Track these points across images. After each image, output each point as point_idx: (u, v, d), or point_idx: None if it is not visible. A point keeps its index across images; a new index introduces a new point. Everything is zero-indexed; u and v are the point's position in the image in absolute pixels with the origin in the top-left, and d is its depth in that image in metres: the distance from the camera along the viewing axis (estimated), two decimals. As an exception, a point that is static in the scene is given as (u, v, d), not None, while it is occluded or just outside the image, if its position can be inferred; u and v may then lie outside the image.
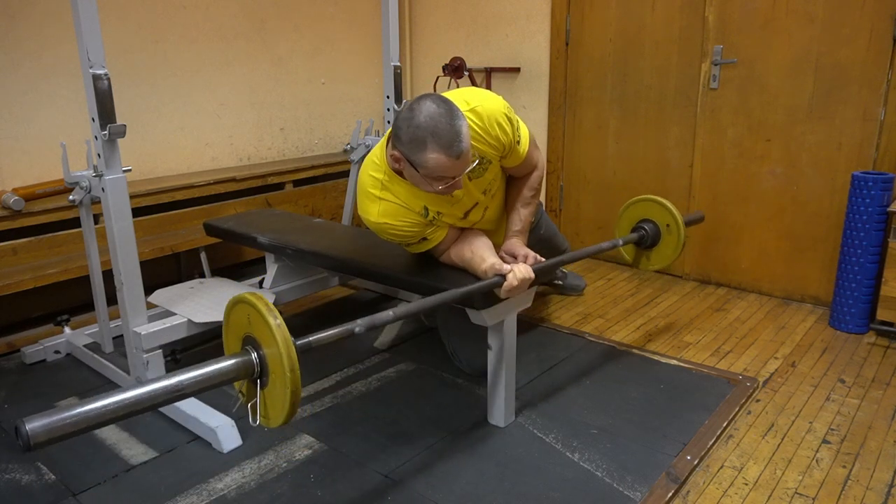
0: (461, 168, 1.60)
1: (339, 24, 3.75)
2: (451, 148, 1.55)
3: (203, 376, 1.23)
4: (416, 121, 1.55)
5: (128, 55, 2.89)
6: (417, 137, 1.55)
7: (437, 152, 1.55)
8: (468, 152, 1.59)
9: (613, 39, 3.20)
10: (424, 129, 1.54)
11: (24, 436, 1.02)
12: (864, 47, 2.55)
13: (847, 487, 1.67)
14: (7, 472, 1.76)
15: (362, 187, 1.80)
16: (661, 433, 1.90)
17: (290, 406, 1.24)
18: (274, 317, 1.24)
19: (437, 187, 1.63)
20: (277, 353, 1.22)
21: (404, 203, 1.76)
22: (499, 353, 1.88)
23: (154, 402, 1.17)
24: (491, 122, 1.75)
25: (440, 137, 1.54)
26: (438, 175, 1.60)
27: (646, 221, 2.37)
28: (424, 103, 1.57)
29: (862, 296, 2.52)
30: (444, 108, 1.56)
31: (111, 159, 1.89)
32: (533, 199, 1.99)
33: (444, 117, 1.55)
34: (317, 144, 3.78)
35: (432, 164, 1.57)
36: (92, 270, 2.29)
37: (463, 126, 1.57)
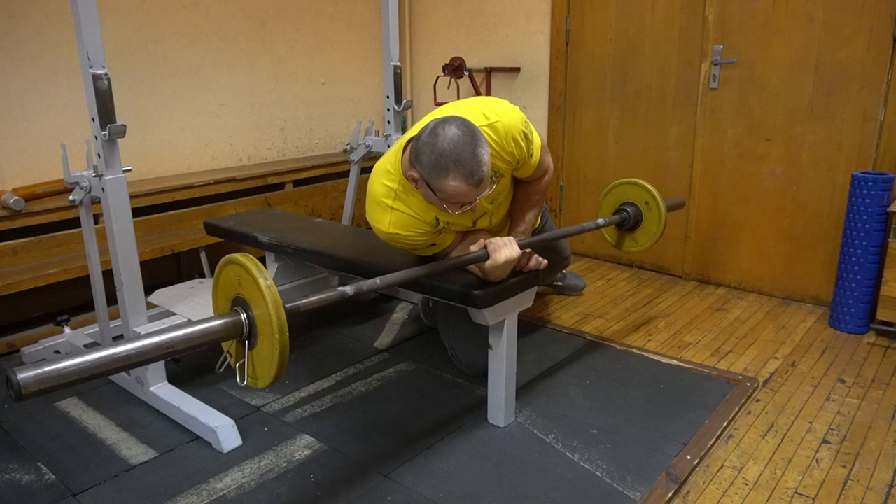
0: (479, 193, 1.60)
1: (339, 24, 3.75)
2: (472, 177, 1.53)
3: (193, 334, 1.24)
4: (440, 147, 1.52)
5: (128, 55, 2.89)
6: (440, 164, 1.53)
7: (458, 181, 1.53)
8: (488, 178, 1.58)
9: (613, 39, 3.20)
10: (447, 156, 1.52)
11: (15, 385, 1.03)
12: (864, 47, 2.55)
13: (847, 487, 1.67)
14: (7, 472, 1.76)
15: (374, 196, 1.78)
16: (661, 433, 1.90)
17: (277, 367, 1.24)
18: (264, 277, 1.24)
19: (452, 210, 1.63)
20: (267, 314, 1.23)
21: (416, 214, 1.75)
22: (499, 353, 1.88)
23: (144, 358, 1.18)
24: (507, 138, 1.74)
25: (463, 166, 1.52)
26: (458, 202, 1.59)
27: (627, 204, 2.40)
28: (449, 129, 1.54)
29: (862, 296, 2.52)
30: (469, 137, 1.53)
31: (111, 159, 1.89)
32: (539, 201, 2.00)
33: (469, 146, 1.52)
34: (317, 144, 3.78)
35: (451, 192, 1.56)
36: (92, 270, 2.29)
37: (485, 154, 1.55)
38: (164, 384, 2.08)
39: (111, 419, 2.02)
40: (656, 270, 3.31)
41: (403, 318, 2.78)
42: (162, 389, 2.05)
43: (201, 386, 2.19)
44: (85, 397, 2.15)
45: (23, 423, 2.00)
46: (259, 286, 1.23)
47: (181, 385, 2.10)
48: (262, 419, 2.00)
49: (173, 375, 2.15)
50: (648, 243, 2.39)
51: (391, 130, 2.80)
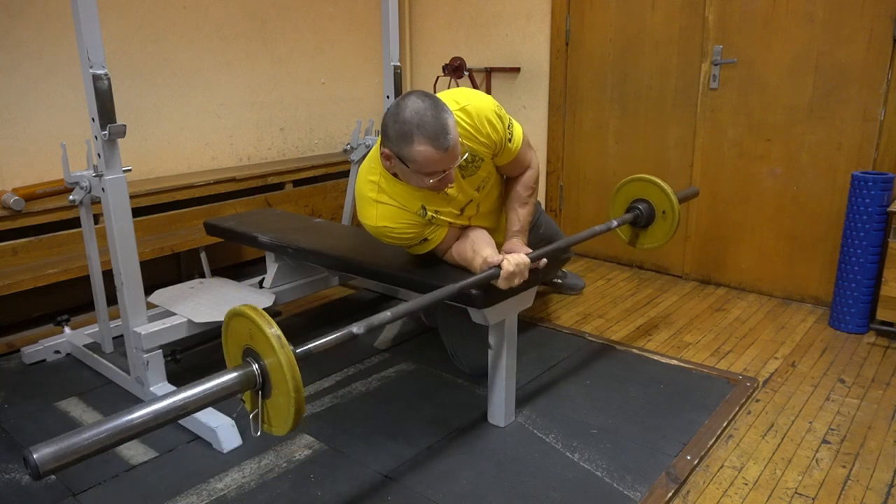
0: (450, 161, 1.60)
1: (339, 24, 3.75)
2: (437, 140, 1.55)
3: (207, 391, 1.24)
4: (402, 116, 1.57)
5: (128, 55, 2.89)
6: (404, 132, 1.56)
7: (424, 145, 1.55)
8: (456, 145, 1.59)
9: (613, 39, 3.20)
10: (410, 123, 1.55)
11: (32, 465, 1.02)
12: (864, 47, 2.55)
13: (847, 487, 1.67)
14: (7, 472, 1.76)
15: (360, 192, 1.81)
16: (661, 433, 1.90)
17: (294, 416, 1.24)
18: (272, 329, 1.24)
19: (428, 182, 1.63)
20: (279, 365, 1.22)
21: (401, 204, 1.76)
22: (499, 353, 1.88)
23: (161, 422, 1.18)
24: (481, 119, 1.76)
25: (426, 130, 1.55)
26: (428, 170, 1.60)
27: (640, 201, 2.36)
28: (409, 99, 1.58)
29: (862, 296, 2.52)
30: (429, 102, 1.57)
31: (111, 159, 1.89)
32: (530, 198, 1.99)
33: (430, 110, 1.56)
34: (317, 144, 3.78)
35: (420, 158, 1.58)
36: (92, 270, 2.29)
37: (449, 119, 1.57)
38: (164, 384, 2.08)
39: (111, 419, 2.02)
40: (656, 270, 3.31)
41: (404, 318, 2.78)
42: (162, 389, 2.05)
43: (201, 386, 2.19)
44: (85, 397, 2.15)
45: (23, 423, 2.00)
46: (268, 337, 1.23)
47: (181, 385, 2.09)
48: (262, 419, 2.00)
49: (173, 375, 2.15)
50: (652, 246, 2.38)
51: (391, 130, 2.80)
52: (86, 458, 1.08)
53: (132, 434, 1.14)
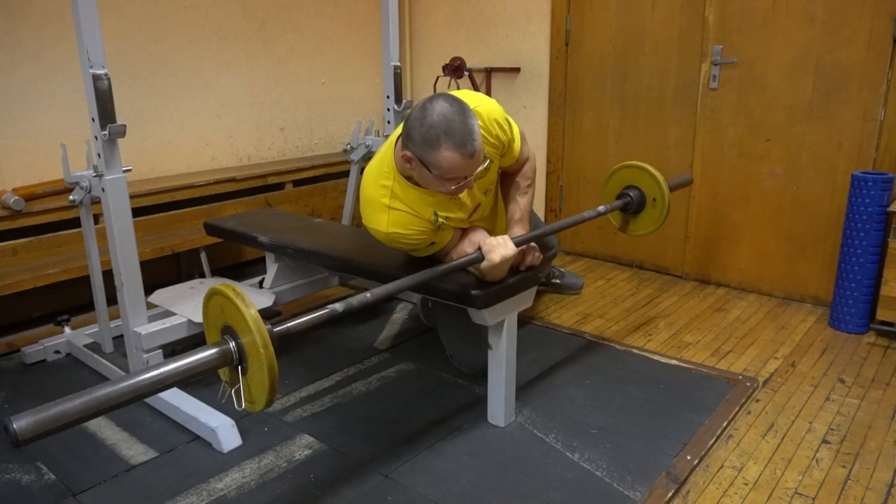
0: (474, 167, 1.60)
1: (339, 24, 3.75)
2: (464, 146, 1.53)
3: (185, 366, 1.26)
4: (430, 120, 1.54)
5: (128, 55, 2.89)
6: (430, 137, 1.53)
7: (451, 151, 1.53)
8: (481, 151, 1.59)
9: (613, 39, 3.20)
10: (437, 127, 1.53)
11: (12, 433, 1.05)
12: (864, 47, 2.55)
13: (847, 487, 1.67)
14: (7, 472, 1.76)
15: (369, 198, 1.78)
16: (661, 433, 1.90)
17: (269, 390, 1.26)
18: (245, 304, 1.25)
19: (449, 188, 1.62)
20: (252, 340, 1.25)
21: (414, 210, 1.74)
22: (498, 353, 1.88)
23: (138, 394, 1.19)
24: (491, 121, 1.77)
25: (454, 136, 1.52)
26: (452, 175, 1.58)
27: (631, 188, 2.34)
28: (437, 102, 1.56)
29: (862, 296, 2.52)
30: (457, 107, 1.55)
31: (111, 159, 1.89)
32: (528, 187, 2.00)
33: (458, 116, 1.54)
34: (317, 144, 3.78)
35: (446, 164, 1.55)
36: (92, 270, 2.29)
37: (475, 125, 1.56)
38: (164, 384, 2.08)
39: (111, 419, 2.02)
40: (656, 270, 3.31)
41: (403, 318, 2.78)
42: (162, 389, 2.05)
43: (201, 386, 2.19)
44: (85, 397, 2.15)
45: (23, 423, 2.00)
46: (241, 312, 1.25)
47: (181, 385, 2.09)
48: (262, 419, 2.00)
49: (173, 375, 2.15)
50: (654, 226, 2.34)
51: (391, 130, 2.80)
52: (65, 427, 1.10)
53: (111, 406, 1.16)
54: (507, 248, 1.70)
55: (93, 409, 1.13)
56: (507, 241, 1.72)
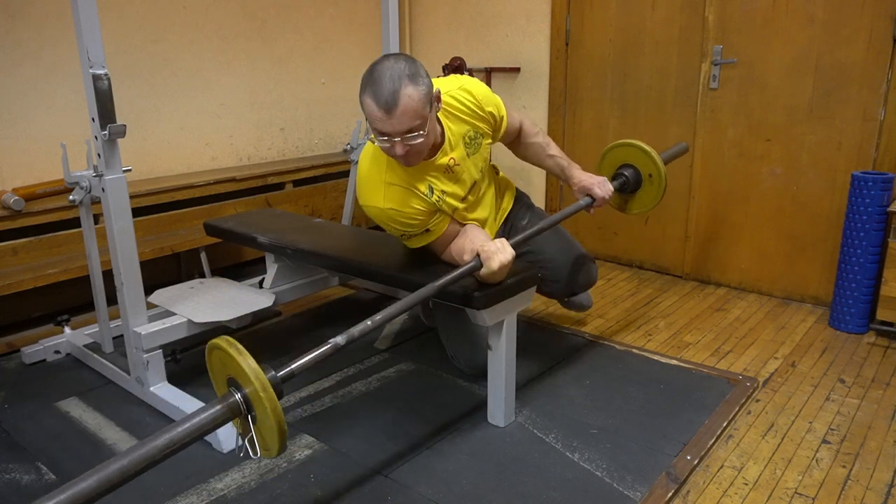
0: (395, 126, 1.57)
1: (339, 24, 3.75)
2: (379, 98, 1.53)
3: (196, 426, 1.26)
4: (371, 68, 1.59)
5: (128, 55, 2.89)
6: (364, 81, 1.58)
7: (371, 98, 1.55)
8: (403, 116, 1.55)
9: (613, 39, 3.20)
10: (368, 75, 1.57)
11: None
12: (864, 47, 2.55)
13: (847, 487, 1.67)
14: (7, 472, 1.76)
15: (364, 175, 1.80)
16: (661, 433, 1.90)
17: (278, 434, 1.27)
18: (241, 354, 1.26)
19: (383, 147, 1.63)
20: (255, 391, 1.25)
21: (410, 184, 1.76)
22: (498, 354, 1.88)
23: (151, 462, 1.19)
24: (485, 93, 1.88)
25: (375, 85, 1.54)
26: (374, 126, 1.60)
27: (626, 167, 2.28)
28: (389, 57, 1.60)
29: (862, 296, 2.52)
30: (399, 65, 1.56)
31: (111, 159, 1.89)
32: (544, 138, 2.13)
33: (391, 71, 1.54)
34: (317, 144, 3.78)
35: (367, 112, 1.58)
36: (92, 270, 2.29)
37: (406, 88, 1.53)
38: (164, 384, 2.08)
39: (111, 419, 2.02)
40: (656, 270, 3.31)
41: (403, 318, 2.78)
42: (162, 389, 2.05)
43: (201, 386, 2.19)
44: (85, 397, 2.15)
45: (23, 423, 2.00)
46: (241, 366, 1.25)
47: (181, 385, 2.10)
48: (262, 419, 2.00)
49: (173, 375, 2.15)
50: (652, 203, 2.28)
51: (391, 130, 2.80)
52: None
53: (125, 479, 1.15)
54: (506, 254, 1.70)
55: (106, 486, 1.12)
56: (504, 245, 1.72)
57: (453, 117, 1.83)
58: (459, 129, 1.84)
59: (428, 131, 1.63)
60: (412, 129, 1.58)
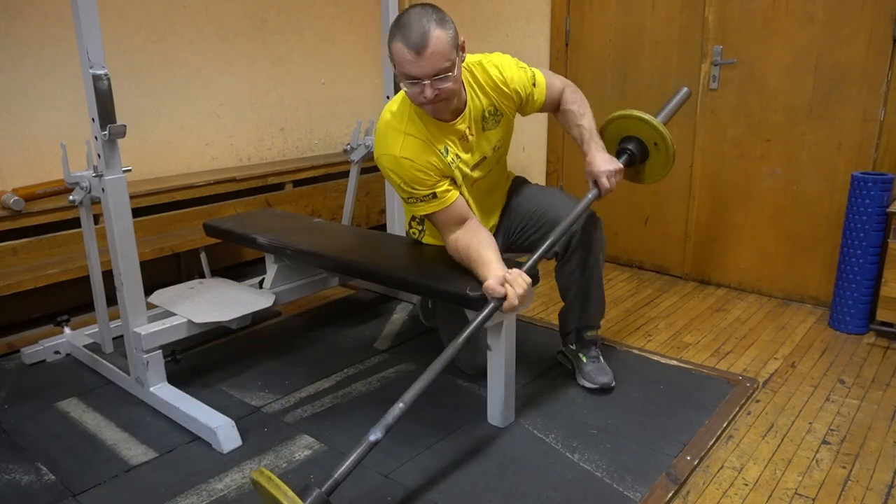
0: (425, 69, 1.62)
1: (339, 24, 3.75)
2: (411, 39, 1.60)
3: None
4: (399, 17, 1.65)
5: (128, 55, 2.89)
6: (392, 29, 1.65)
7: (401, 42, 1.62)
8: (433, 56, 1.61)
9: (613, 40, 3.20)
10: (397, 21, 1.64)
11: None
12: (864, 47, 2.55)
13: (847, 488, 1.67)
14: (7, 472, 1.76)
15: (384, 124, 1.84)
16: (661, 433, 1.90)
17: None
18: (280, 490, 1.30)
19: (411, 92, 1.68)
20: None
21: (427, 139, 1.80)
22: (498, 354, 1.88)
23: None
24: (513, 75, 1.91)
25: (407, 29, 1.61)
26: (402, 70, 1.65)
27: (628, 140, 2.13)
28: (412, 6, 1.65)
29: (862, 296, 2.52)
30: (425, 11, 1.63)
31: (111, 159, 1.89)
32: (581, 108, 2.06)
33: (421, 16, 1.62)
34: (317, 144, 3.78)
35: (395, 57, 1.65)
36: (92, 270, 2.29)
37: (434, 29, 1.61)
38: (164, 384, 2.08)
39: (111, 419, 2.02)
40: (656, 271, 3.31)
41: (403, 318, 2.78)
42: (162, 390, 2.05)
43: (201, 386, 2.19)
44: (85, 397, 2.15)
45: (23, 423, 2.00)
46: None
47: (181, 385, 2.10)
48: (262, 419, 2.00)
49: (173, 376, 2.15)
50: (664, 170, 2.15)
51: (391, 130, 2.80)
52: None
53: None
54: (522, 286, 1.68)
55: None
56: (520, 276, 1.69)
57: (478, 87, 1.88)
58: (481, 101, 1.89)
59: (456, 77, 1.68)
60: (441, 70, 1.64)
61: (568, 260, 2.06)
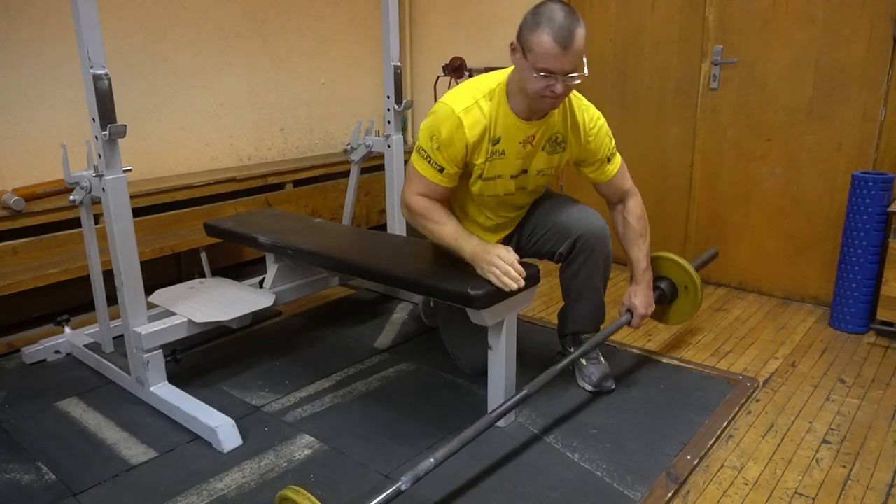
0: (564, 64, 1.64)
1: (339, 24, 3.75)
2: (559, 35, 1.60)
3: None
4: (541, 9, 1.65)
5: (128, 55, 2.89)
6: (535, 20, 1.64)
7: (548, 35, 1.61)
8: (577, 56, 1.65)
9: (613, 40, 3.20)
10: (544, 14, 1.63)
11: None
12: (864, 47, 2.55)
13: (847, 487, 1.67)
14: (7, 472, 1.76)
15: (467, 84, 1.85)
16: (661, 433, 1.90)
17: None
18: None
19: (538, 85, 1.67)
20: None
21: (490, 121, 1.80)
22: (498, 354, 1.88)
23: None
24: (598, 129, 1.96)
25: (554, 24, 1.61)
26: (542, 64, 1.64)
27: (661, 279, 2.29)
28: (551, 2, 1.66)
29: (862, 296, 2.52)
30: (568, 10, 1.64)
31: (111, 159, 1.89)
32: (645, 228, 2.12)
33: (565, 12, 1.63)
34: (317, 144, 3.78)
35: (538, 48, 1.63)
36: (92, 270, 2.29)
37: (579, 29, 1.64)
38: (164, 384, 2.08)
39: (111, 419, 2.02)
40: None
41: (403, 318, 2.78)
42: (162, 389, 2.05)
43: (201, 386, 2.19)
44: (85, 397, 2.15)
45: (23, 423, 2.00)
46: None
47: (181, 385, 2.10)
48: (263, 419, 2.00)
49: (173, 375, 2.15)
50: (691, 314, 2.30)
51: (391, 130, 2.80)
52: None
53: None
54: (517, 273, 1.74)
55: None
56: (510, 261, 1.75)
57: (568, 112, 1.90)
58: (559, 123, 1.90)
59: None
60: (576, 68, 1.66)
61: (570, 263, 2.09)
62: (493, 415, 1.70)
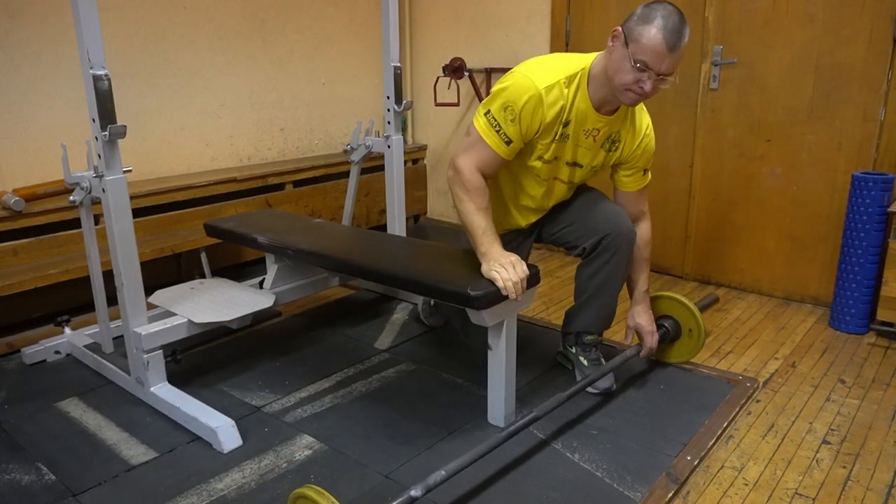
0: (667, 64, 1.66)
1: (339, 24, 3.75)
2: (671, 34, 1.62)
3: None
4: (655, 6, 1.66)
5: (128, 55, 2.89)
6: (650, 14, 1.65)
7: (659, 31, 1.62)
8: (679, 59, 1.67)
9: (613, 39, 3.20)
10: (658, 11, 1.64)
11: None
12: (864, 47, 2.55)
13: (847, 488, 1.67)
14: (7, 472, 1.76)
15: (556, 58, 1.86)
16: (661, 433, 1.90)
17: None
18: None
19: (630, 76, 1.68)
20: None
21: (567, 104, 1.81)
22: (498, 354, 1.88)
23: None
24: (650, 128, 1.97)
25: (668, 22, 1.63)
26: (643, 56, 1.64)
27: (665, 318, 2.28)
28: (663, 4, 1.67)
29: (862, 296, 2.52)
30: (683, 17, 1.67)
31: (111, 160, 1.89)
32: (649, 257, 2.15)
33: (679, 17, 1.65)
34: (317, 145, 3.78)
35: (646, 41, 1.63)
36: (92, 271, 2.29)
37: (686, 38, 1.66)
38: (164, 384, 2.08)
39: (111, 419, 2.02)
40: (656, 271, 3.31)
41: (403, 318, 2.78)
42: (162, 390, 2.05)
43: (201, 386, 2.19)
44: (85, 397, 2.15)
45: (23, 424, 2.00)
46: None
47: (181, 385, 2.10)
48: (263, 419, 2.00)
49: (173, 376, 2.15)
50: (691, 356, 2.29)
51: (391, 131, 2.80)
52: None
53: None
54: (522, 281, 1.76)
55: None
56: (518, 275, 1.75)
57: (630, 115, 1.92)
58: (621, 124, 1.91)
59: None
60: (673, 72, 1.68)
61: (591, 261, 2.06)
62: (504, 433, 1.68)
